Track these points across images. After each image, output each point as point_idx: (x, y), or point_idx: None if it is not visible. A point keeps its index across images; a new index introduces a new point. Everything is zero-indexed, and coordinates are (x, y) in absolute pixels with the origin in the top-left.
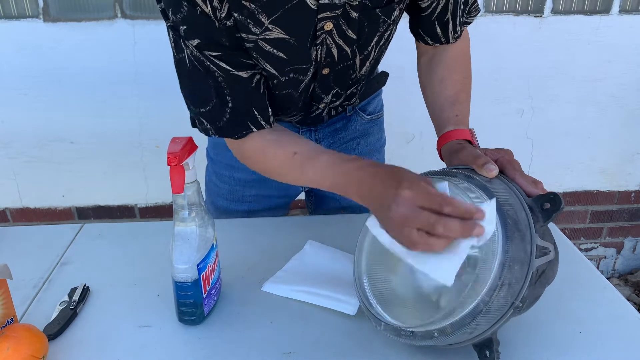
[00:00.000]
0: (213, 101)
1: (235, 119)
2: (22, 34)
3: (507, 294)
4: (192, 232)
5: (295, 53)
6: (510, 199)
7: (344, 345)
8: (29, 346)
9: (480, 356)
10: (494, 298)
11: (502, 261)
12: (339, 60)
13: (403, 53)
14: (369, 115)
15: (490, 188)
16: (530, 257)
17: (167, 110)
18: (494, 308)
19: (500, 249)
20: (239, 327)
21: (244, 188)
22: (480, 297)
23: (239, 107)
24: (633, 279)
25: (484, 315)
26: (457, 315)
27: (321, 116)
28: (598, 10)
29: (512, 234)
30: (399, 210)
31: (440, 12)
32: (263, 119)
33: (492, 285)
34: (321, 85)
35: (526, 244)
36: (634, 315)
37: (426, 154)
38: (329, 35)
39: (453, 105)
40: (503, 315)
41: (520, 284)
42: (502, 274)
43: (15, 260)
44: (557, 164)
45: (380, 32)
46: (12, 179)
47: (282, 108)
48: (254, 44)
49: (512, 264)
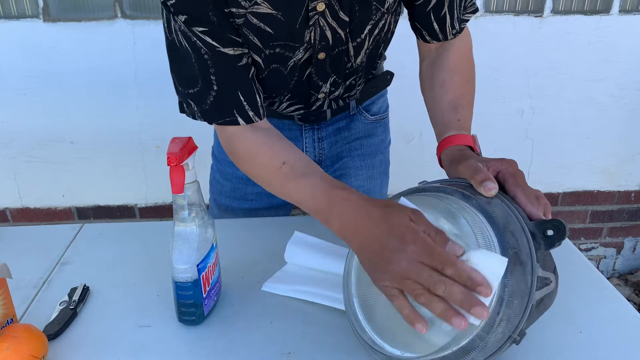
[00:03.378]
0: (199, 82)
1: (220, 102)
2: (22, 34)
3: (505, 329)
4: (192, 232)
5: (282, 29)
6: (511, 224)
7: (344, 345)
8: (29, 346)
9: None
10: (491, 334)
11: (501, 296)
12: (334, 44)
13: (403, 52)
14: (373, 115)
15: (490, 210)
16: (530, 289)
17: (167, 110)
18: (490, 343)
19: (499, 275)
20: (239, 327)
21: (246, 186)
22: (476, 333)
23: (224, 89)
24: (633, 279)
25: (479, 351)
26: (451, 349)
27: (323, 111)
28: (598, 10)
29: (512, 267)
30: (400, 263)
31: (436, 5)
32: (250, 108)
33: (489, 322)
34: (318, 71)
35: (527, 275)
36: (634, 315)
37: (426, 154)
38: (322, 17)
39: (455, 109)
40: (499, 348)
41: (519, 317)
42: (501, 310)
43: (15, 260)
44: (557, 164)
45: (374, 20)
46: (12, 179)
47: (274, 89)
48: (244, 18)
49: (512, 299)
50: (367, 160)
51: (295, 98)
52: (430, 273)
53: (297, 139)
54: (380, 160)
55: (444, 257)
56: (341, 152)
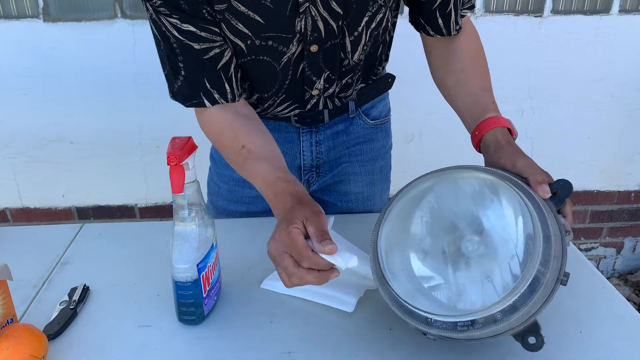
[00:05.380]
0: (167, 66)
1: (187, 87)
2: (22, 34)
3: (555, 266)
4: (192, 232)
5: (273, 18)
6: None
7: (344, 344)
8: (29, 346)
9: (525, 344)
10: (548, 270)
11: (548, 235)
12: (327, 37)
13: (403, 53)
14: (373, 120)
15: None
16: (561, 233)
17: (167, 110)
18: (548, 281)
19: (539, 223)
20: (239, 327)
21: (243, 188)
22: (537, 269)
23: (190, 76)
24: (633, 279)
25: (542, 288)
26: (519, 290)
27: (320, 112)
28: (598, 10)
29: (545, 211)
30: (270, 249)
31: (442, 2)
32: (217, 92)
33: (545, 257)
34: (311, 64)
35: (555, 221)
36: (634, 315)
37: (426, 154)
38: (313, 6)
39: (486, 92)
40: (552, 290)
41: (561, 257)
42: (551, 246)
43: (15, 260)
44: (557, 164)
45: (370, 12)
46: (12, 179)
47: (263, 83)
48: (227, 4)
49: (556, 238)
50: (367, 167)
51: (289, 96)
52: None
53: (294, 142)
54: (381, 166)
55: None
56: (340, 157)
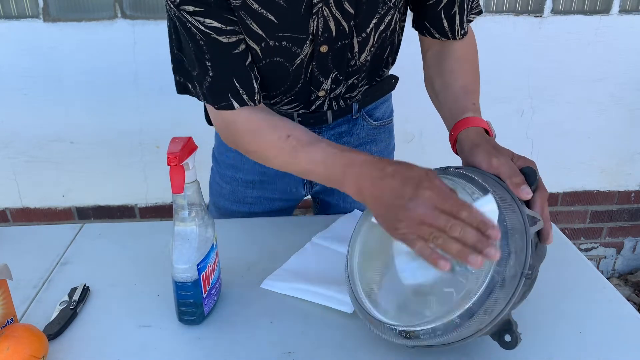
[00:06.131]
0: (196, 67)
1: (216, 87)
2: (22, 34)
3: (515, 264)
4: (192, 232)
5: (286, 18)
6: (491, 183)
7: (344, 345)
8: (29, 346)
9: (502, 343)
10: (506, 269)
11: (504, 231)
12: (337, 37)
13: (403, 53)
14: (376, 121)
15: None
16: (524, 226)
17: (167, 110)
18: (507, 279)
19: (497, 220)
20: (239, 327)
21: (245, 189)
22: (494, 269)
23: (218, 75)
24: (633, 279)
25: (500, 288)
26: (476, 294)
27: (324, 113)
28: (598, 10)
29: (504, 208)
30: (417, 210)
31: (447, 4)
32: (246, 93)
33: (502, 256)
34: (320, 65)
35: (517, 214)
36: (634, 315)
37: (426, 154)
38: (326, 6)
39: (468, 94)
40: (517, 286)
41: (524, 252)
42: (508, 243)
43: (15, 260)
44: (557, 164)
45: (380, 14)
46: (12, 179)
47: (273, 83)
48: (242, 1)
49: (513, 232)
50: None
51: (296, 97)
52: (447, 217)
53: None
54: None
55: (458, 202)
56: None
